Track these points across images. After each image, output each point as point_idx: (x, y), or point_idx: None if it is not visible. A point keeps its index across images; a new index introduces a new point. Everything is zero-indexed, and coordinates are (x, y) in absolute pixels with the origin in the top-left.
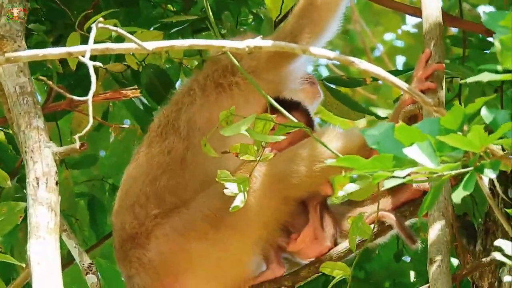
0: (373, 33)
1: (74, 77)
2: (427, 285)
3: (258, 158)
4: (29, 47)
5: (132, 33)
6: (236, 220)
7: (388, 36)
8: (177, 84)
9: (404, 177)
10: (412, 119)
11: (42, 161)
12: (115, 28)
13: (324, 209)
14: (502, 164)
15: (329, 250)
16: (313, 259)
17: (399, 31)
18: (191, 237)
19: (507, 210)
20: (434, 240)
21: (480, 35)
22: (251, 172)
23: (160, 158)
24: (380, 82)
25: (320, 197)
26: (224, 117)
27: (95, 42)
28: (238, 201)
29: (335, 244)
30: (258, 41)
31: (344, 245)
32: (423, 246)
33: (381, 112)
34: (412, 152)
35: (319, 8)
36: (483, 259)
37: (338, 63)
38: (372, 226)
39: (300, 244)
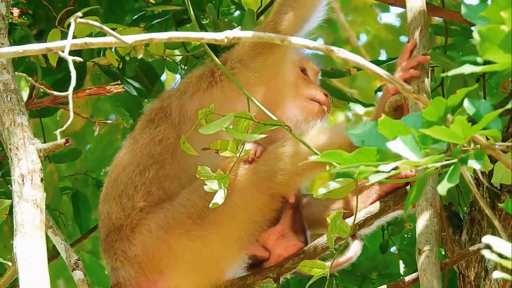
0: (354, 24)
1: (62, 71)
2: (415, 273)
3: (238, 155)
4: (13, 42)
5: (113, 29)
6: (220, 217)
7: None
8: (162, 77)
9: (389, 171)
10: (398, 109)
11: (27, 158)
12: (94, 23)
13: (297, 211)
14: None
15: (299, 249)
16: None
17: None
18: (175, 233)
19: (500, 205)
20: (422, 230)
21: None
22: (230, 169)
23: (151, 147)
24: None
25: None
26: (203, 115)
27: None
28: (218, 198)
29: (306, 243)
30: (237, 32)
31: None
32: (409, 236)
33: (359, 109)
34: (396, 145)
35: None
36: (469, 248)
37: (321, 53)
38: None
39: (263, 242)
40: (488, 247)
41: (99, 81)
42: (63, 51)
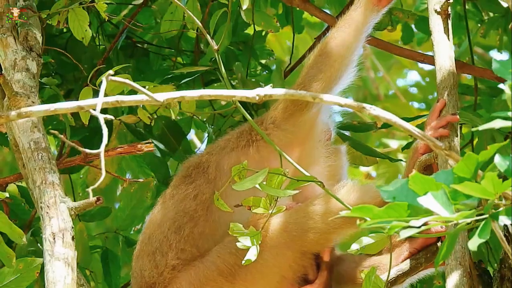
0: (387, 75)
1: (89, 129)
2: None
3: (270, 212)
4: (42, 101)
5: (143, 87)
6: (251, 274)
7: (401, 82)
8: (189, 135)
9: (419, 227)
10: (427, 169)
11: (58, 216)
12: (125, 80)
13: (331, 270)
14: None
15: None
16: None
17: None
18: None
19: None
20: None
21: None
22: (263, 225)
23: (187, 203)
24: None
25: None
26: (237, 172)
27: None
28: (251, 255)
29: None
30: (268, 90)
31: None
32: None
33: (394, 143)
34: (427, 201)
35: (330, 58)
36: None
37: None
38: (384, 278)
39: None
40: None
41: (125, 139)
42: (94, 109)
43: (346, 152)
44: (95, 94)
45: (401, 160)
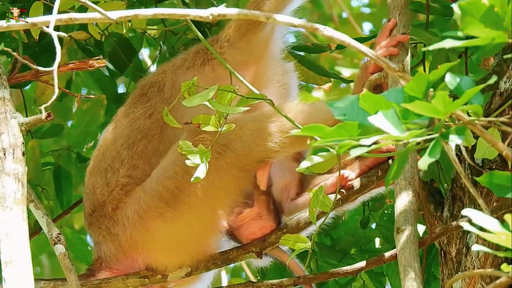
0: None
1: (39, 45)
2: (394, 250)
3: (220, 129)
4: None
5: (95, 3)
6: (194, 196)
7: (355, 3)
8: (140, 53)
9: (370, 145)
10: (377, 88)
11: (8, 132)
12: None
13: (270, 194)
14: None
15: (271, 230)
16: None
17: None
18: (149, 217)
19: (477, 179)
20: (401, 209)
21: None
22: (211, 143)
23: (142, 121)
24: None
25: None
26: (186, 88)
27: (59, 12)
28: (200, 173)
29: (278, 225)
30: (221, 9)
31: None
32: (390, 212)
33: (346, 71)
34: (377, 120)
35: None
36: (451, 224)
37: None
38: (333, 196)
39: (240, 220)
40: (468, 220)
41: (76, 56)
42: (47, 26)
43: (296, 71)
44: (46, 9)
45: (353, 81)
